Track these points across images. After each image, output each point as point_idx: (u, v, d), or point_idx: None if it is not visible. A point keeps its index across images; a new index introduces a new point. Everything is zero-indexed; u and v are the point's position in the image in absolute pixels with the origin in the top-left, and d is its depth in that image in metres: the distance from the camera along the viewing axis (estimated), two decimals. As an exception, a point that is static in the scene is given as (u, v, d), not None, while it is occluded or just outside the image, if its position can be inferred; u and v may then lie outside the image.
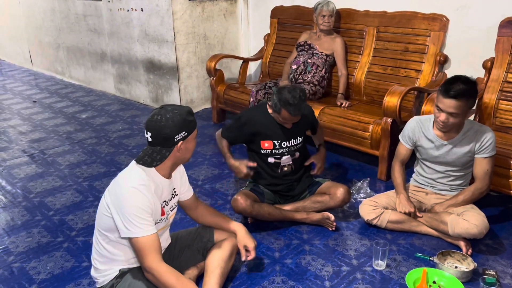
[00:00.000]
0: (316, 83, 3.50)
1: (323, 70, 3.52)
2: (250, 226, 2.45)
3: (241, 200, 2.32)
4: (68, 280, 2.09)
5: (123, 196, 1.61)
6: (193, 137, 1.73)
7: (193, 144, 1.76)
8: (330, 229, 2.42)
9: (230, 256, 1.95)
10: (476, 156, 2.22)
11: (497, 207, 2.62)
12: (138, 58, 4.87)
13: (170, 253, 1.93)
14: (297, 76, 3.52)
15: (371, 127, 2.96)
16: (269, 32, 4.33)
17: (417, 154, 2.43)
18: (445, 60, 3.11)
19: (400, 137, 2.44)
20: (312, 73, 3.49)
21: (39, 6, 6.36)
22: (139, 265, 1.75)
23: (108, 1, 4.95)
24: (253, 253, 1.94)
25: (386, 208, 2.38)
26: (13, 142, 3.95)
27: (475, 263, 2.01)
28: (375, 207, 2.37)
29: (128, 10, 4.72)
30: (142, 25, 4.59)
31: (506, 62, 2.78)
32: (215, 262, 1.89)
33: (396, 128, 2.83)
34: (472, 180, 2.32)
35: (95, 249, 1.79)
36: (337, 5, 3.56)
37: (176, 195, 1.88)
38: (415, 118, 2.39)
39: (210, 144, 3.75)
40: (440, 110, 2.11)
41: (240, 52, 4.82)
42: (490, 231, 2.23)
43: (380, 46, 3.44)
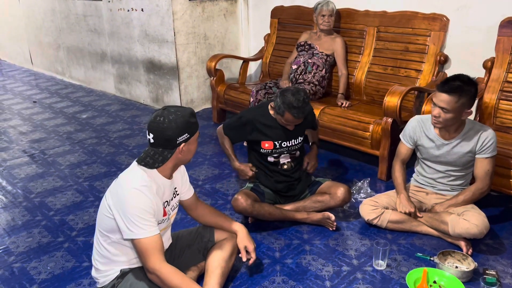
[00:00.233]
0: (316, 83, 3.50)
1: (323, 70, 3.52)
2: (250, 226, 2.45)
3: (242, 200, 2.32)
4: (68, 280, 2.09)
5: (125, 198, 1.61)
6: (195, 139, 1.73)
7: (195, 146, 1.76)
8: (330, 229, 2.42)
9: (231, 256, 1.95)
10: (477, 156, 2.22)
11: (497, 207, 2.62)
12: (138, 58, 4.87)
13: (171, 253, 1.93)
14: (298, 76, 3.52)
15: (371, 127, 2.96)
16: (269, 32, 4.33)
17: (418, 154, 2.43)
18: (445, 60, 3.11)
19: (401, 136, 2.44)
20: (312, 73, 3.49)
21: (39, 6, 6.36)
22: (140, 265, 1.75)
23: (108, 1, 4.95)
24: (254, 255, 1.94)
25: (387, 208, 2.38)
26: (13, 142, 3.95)
27: (476, 263, 2.01)
28: (375, 207, 2.37)
29: (128, 10, 4.72)
30: (142, 25, 4.59)
31: (506, 62, 2.79)
32: (215, 262, 1.89)
33: (397, 128, 2.83)
34: (473, 180, 2.32)
35: (96, 250, 1.79)
36: (337, 5, 3.56)
37: (177, 194, 1.88)
38: (416, 117, 2.39)
39: (210, 144, 3.75)
40: (434, 104, 2.13)
41: (240, 52, 4.83)
42: (490, 231, 2.24)
43: (381, 46, 3.44)
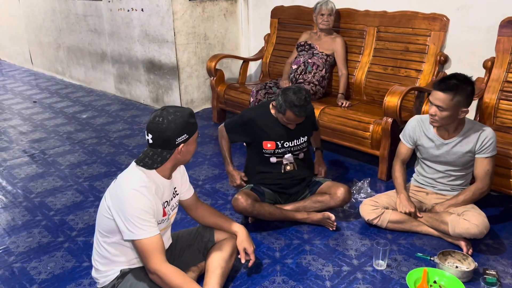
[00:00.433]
0: (316, 83, 3.50)
1: (324, 70, 3.52)
2: (250, 226, 2.45)
3: (242, 200, 2.32)
4: (68, 280, 2.09)
5: (125, 199, 1.60)
6: (194, 139, 1.72)
7: (194, 147, 1.75)
8: (330, 229, 2.42)
9: (231, 256, 1.94)
10: (476, 156, 2.22)
11: (497, 207, 2.62)
12: (138, 58, 4.87)
13: (171, 253, 1.93)
14: (298, 76, 3.52)
15: (371, 127, 2.96)
16: (269, 32, 4.33)
17: (418, 154, 2.43)
18: (445, 60, 3.11)
19: (401, 136, 2.44)
20: (312, 73, 3.49)
21: (39, 6, 6.36)
22: (140, 265, 1.75)
23: (108, 1, 4.95)
24: (253, 257, 1.94)
25: (387, 208, 2.38)
26: (13, 142, 3.95)
27: (476, 263, 2.01)
28: (375, 207, 2.37)
29: (128, 10, 4.72)
30: (143, 25, 4.59)
31: (506, 62, 2.79)
32: (215, 262, 1.89)
33: (397, 128, 2.83)
34: (473, 180, 2.32)
35: (95, 250, 1.79)
36: (337, 5, 3.56)
37: (177, 194, 1.88)
38: (416, 117, 2.39)
39: (210, 144, 3.75)
40: (431, 103, 2.14)
41: (240, 52, 4.82)
42: (490, 231, 2.23)
43: (381, 46, 3.44)
